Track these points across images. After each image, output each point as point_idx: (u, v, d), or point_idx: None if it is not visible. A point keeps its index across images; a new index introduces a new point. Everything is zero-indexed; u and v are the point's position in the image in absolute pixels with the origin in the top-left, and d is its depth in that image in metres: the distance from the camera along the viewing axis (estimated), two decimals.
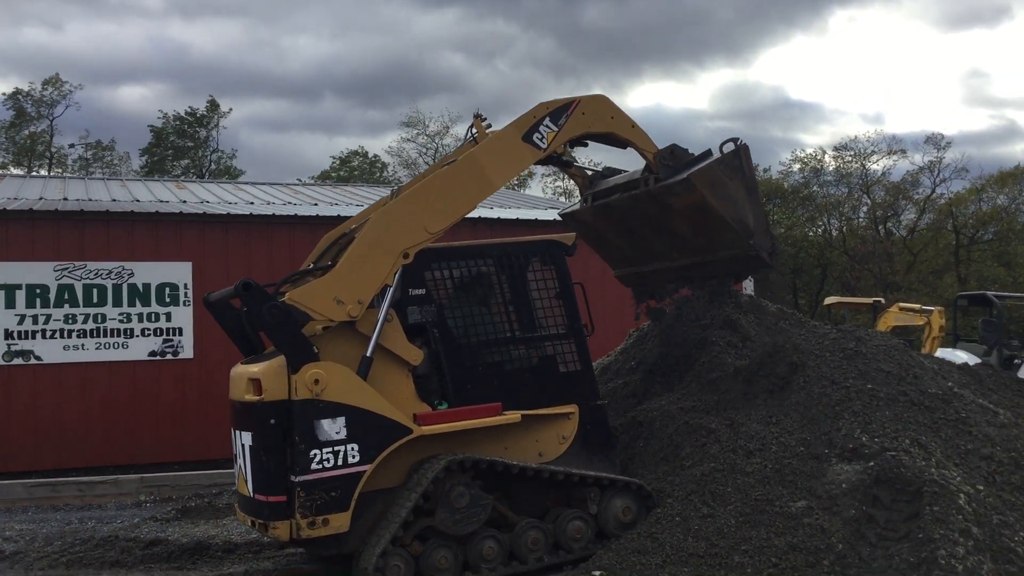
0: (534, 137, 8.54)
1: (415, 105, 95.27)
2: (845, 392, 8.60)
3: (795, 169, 52.18)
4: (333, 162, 59.75)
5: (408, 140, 59.05)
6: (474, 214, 18.02)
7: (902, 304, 24.88)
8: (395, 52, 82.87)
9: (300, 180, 49.34)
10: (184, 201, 19.60)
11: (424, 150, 58.11)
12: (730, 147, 8.95)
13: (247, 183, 28.79)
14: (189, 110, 54.37)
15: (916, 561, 6.74)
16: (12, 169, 50.43)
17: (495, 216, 18.61)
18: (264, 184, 27.42)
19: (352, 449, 7.34)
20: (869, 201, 50.88)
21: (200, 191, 23.01)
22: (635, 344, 11.47)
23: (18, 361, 14.97)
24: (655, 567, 7.39)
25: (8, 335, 14.98)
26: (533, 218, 18.87)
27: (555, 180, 56.95)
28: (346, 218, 16.85)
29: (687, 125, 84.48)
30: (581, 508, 8.17)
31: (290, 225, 16.93)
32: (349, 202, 21.47)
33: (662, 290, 10.37)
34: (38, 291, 15.20)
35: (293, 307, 7.45)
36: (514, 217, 18.87)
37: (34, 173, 46.39)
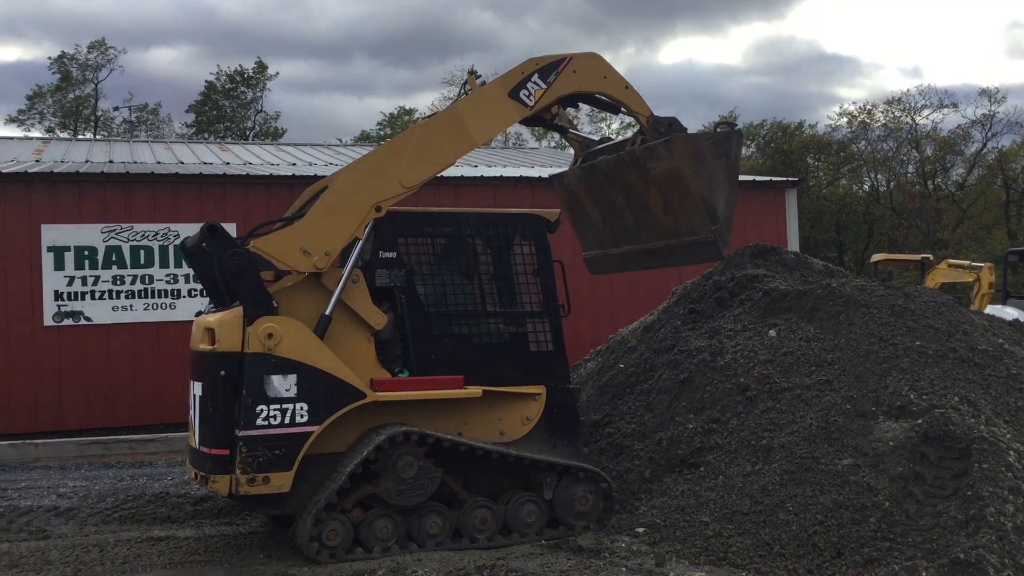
0: (521, 94, 8.20)
1: (446, 64, 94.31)
2: (893, 349, 8.49)
3: (842, 123, 51.32)
4: (382, 117, 59.96)
5: (449, 100, 58.88)
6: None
7: (951, 261, 24.50)
8: (423, 11, 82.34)
9: (341, 140, 49.59)
10: (227, 163, 19.75)
11: None
12: (724, 128, 8.59)
13: (289, 144, 28.93)
14: (239, 69, 54.79)
15: (964, 519, 6.67)
16: (58, 132, 51.14)
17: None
18: (305, 145, 27.56)
19: (301, 408, 7.20)
20: (918, 156, 49.95)
21: (243, 153, 23.17)
22: (677, 302, 11.41)
23: (68, 322, 15.25)
24: (699, 524, 7.39)
25: (58, 296, 15.24)
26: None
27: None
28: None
29: (721, 82, 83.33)
30: (536, 492, 7.91)
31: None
32: None
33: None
34: (86, 253, 15.44)
35: (257, 255, 7.30)
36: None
37: (80, 136, 46.96)
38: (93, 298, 15.42)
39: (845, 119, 51.33)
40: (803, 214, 34.67)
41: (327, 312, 7.41)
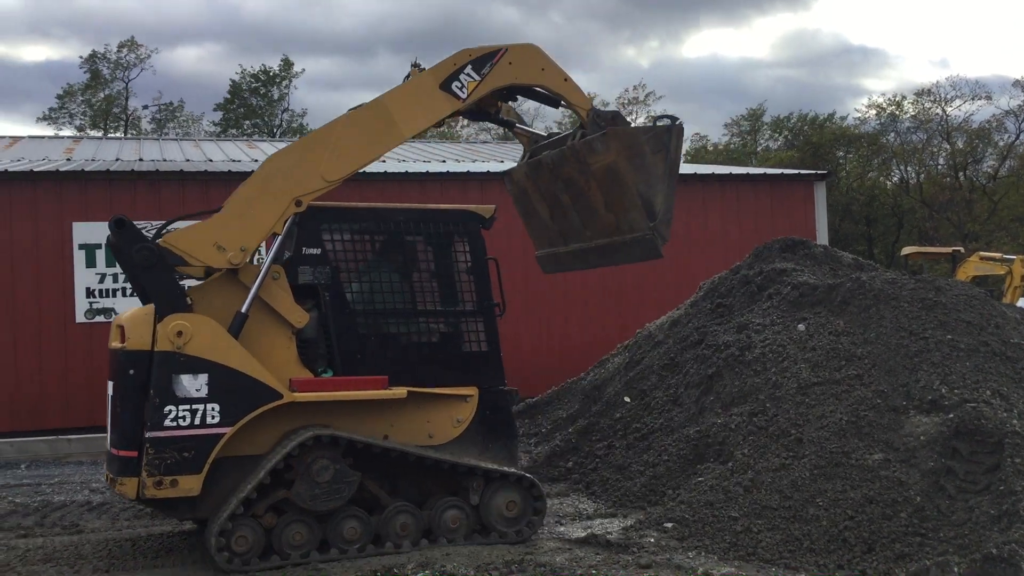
0: (453, 86, 7.81)
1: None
2: (924, 343, 8.41)
3: (871, 115, 50.88)
4: None
5: None
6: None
7: (982, 253, 24.27)
8: (447, 6, 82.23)
9: None
10: (255, 160, 19.85)
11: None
12: (664, 122, 8.19)
13: None
14: (263, 68, 55.10)
15: (997, 514, 6.60)
16: (89, 131, 51.65)
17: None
18: None
19: (212, 409, 6.93)
20: (948, 148, 49.41)
21: (271, 149, 23.27)
22: (705, 296, 11.37)
23: (100, 319, 15.39)
24: (728, 520, 7.36)
25: (89, 293, 15.39)
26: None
27: None
28: (416, 174, 16.91)
29: (746, 74, 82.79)
30: (463, 497, 7.60)
31: (360, 183, 16.98)
32: (417, 158, 21.52)
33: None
34: None
35: (168, 250, 7.08)
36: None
37: (110, 135, 47.39)
38: (124, 295, 15.53)
39: (874, 111, 50.95)
40: (832, 207, 34.42)
41: (243, 310, 7.15)
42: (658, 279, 17.40)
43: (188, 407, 6.89)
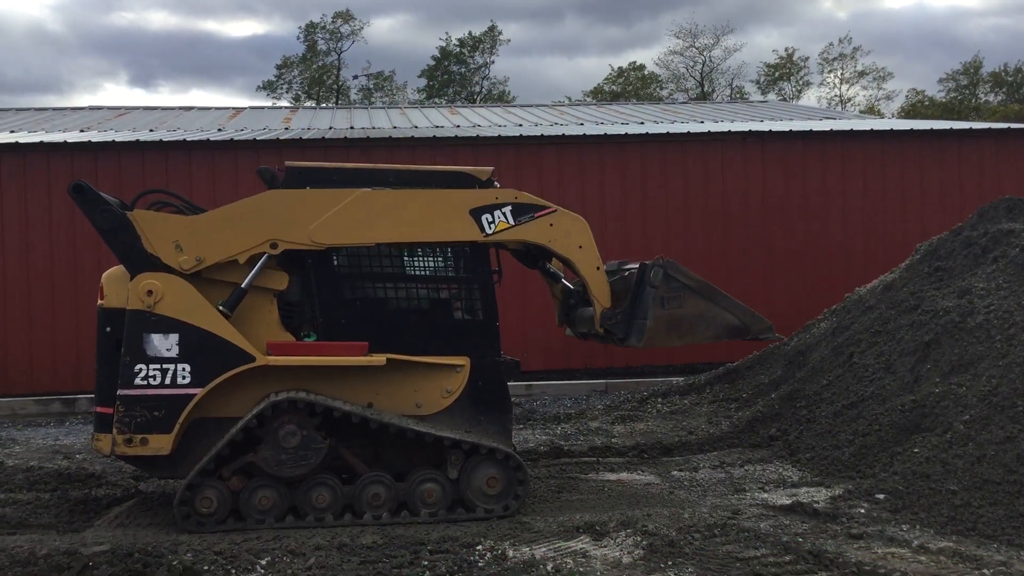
0: (483, 217, 7.53)
1: (658, 19, 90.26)
2: None
3: None
4: (610, 72, 60.63)
5: (675, 53, 58.60)
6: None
7: None
8: None
9: (569, 99, 50.12)
10: (458, 126, 20.33)
11: (692, 63, 57.37)
12: (658, 273, 7.67)
13: (515, 106, 29.40)
14: (470, 33, 56.75)
15: None
16: (304, 101, 54.52)
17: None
18: (532, 106, 27.94)
19: (183, 369, 6.95)
20: None
21: (473, 116, 23.76)
22: (922, 259, 10.82)
23: None
24: (946, 493, 7.01)
25: None
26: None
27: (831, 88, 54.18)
28: (613, 136, 16.84)
29: (955, 24, 77.24)
30: (441, 471, 7.34)
31: (558, 145, 17.11)
32: (615, 120, 21.43)
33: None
34: None
35: (131, 223, 7.09)
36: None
37: (322, 105, 49.79)
38: None
39: None
40: None
41: (243, 285, 7.18)
42: (868, 242, 16.74)
43: (159, 366, 6.96)
